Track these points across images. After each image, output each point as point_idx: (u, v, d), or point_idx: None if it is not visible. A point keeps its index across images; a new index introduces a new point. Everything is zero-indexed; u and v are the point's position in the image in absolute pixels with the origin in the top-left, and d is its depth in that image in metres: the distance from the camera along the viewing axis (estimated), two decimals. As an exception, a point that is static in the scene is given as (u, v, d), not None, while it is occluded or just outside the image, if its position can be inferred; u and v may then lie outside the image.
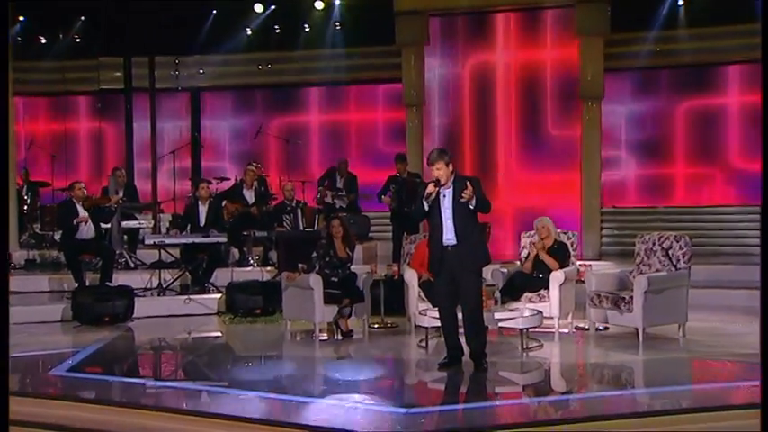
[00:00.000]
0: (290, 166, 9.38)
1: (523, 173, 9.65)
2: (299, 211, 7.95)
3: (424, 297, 6.22)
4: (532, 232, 6.48)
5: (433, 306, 5.91)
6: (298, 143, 9.80)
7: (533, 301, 5.99)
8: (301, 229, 7.80)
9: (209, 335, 6.44)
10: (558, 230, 6.35)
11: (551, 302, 5.96)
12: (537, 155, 9.66)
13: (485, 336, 4.76)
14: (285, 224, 7.89)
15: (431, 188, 4.52)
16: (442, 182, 4.57)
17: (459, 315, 4.73)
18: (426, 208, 4.56)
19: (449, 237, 4.57)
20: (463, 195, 4.46)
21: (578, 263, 6.34)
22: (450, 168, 4.60)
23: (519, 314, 5.35)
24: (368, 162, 10.08)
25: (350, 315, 5.97)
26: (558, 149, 9.56)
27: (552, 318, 5.96)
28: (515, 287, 6.03)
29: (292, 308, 6.21)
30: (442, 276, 4.65)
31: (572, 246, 6.29)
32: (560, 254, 6.15)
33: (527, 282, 6.08)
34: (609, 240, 9.40)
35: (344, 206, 9.06)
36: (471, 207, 4.52)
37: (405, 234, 7.32)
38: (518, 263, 6.49)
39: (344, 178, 9.27)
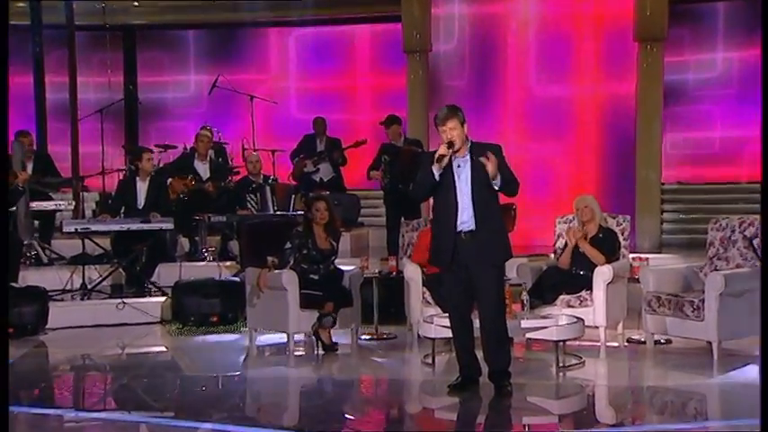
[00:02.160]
0: (257, 131, 9.37)
1: (558, 139, 9.67)
2: (267, 189, 7.91)
3: (429, 300, 6.25)
4: (571, 216, 6.47)
5: (443, 311, 5.95)
6: (267, 101, 9.75)
7: (572, 306, 6.01)
8: (271, 212, 7.79)
9: (149, 350, 6.46)
10: (605, 214, 6.35)
11: (595, 307, 5.98)
12: (577, 115, 9.67)
13: (509, 350, 4.77)
14: (249, 206, 7.88)
15: (443, 150, 4.50)
16: (457, 145, 4.55)
17: (477, 323, 4.75)
18: (437, 177, 4.53)
19: (465, 220, 4.57)
20: (486, 167, 4.45)
21: (631, 256, 6.36)
22: (465, 130, 4.60)
23: (553, 322, 5.37)
24: (355, 127, 10.10)
25: (334, 324, 5.99)
26: (605, 108, 9.57)
27: (597, 327, 5.99)
28: (548, 287, 6.05)
29: (259, 315, 6.22)
30: (454, 273, 4.65)
31: (623, 234, 6.31)
32: (607, 244, 6.16)
33: (564, 280, 6.09)
34: (672, 227, 9.44)
35: (333, 176, 9.10)
36: (496, 186, 4.51)
37: (402, 219, 7.32)
38: (551, 256, 6.50)
39: (325, 141, 9.30)
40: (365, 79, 10.50)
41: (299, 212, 7.40)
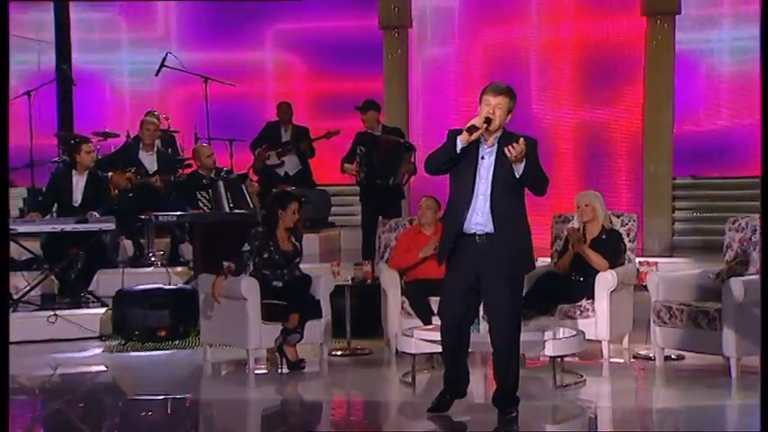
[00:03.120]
0: (211, 118, 9.35)
1: (556, 125, 9.73)
2: (220, 184, 7.88)
3: (409, 311, 6.30)
4: (570, 215, 6.52)
5: (424, 323, 6.00)
6: (224, 83, 9.73)
7: (571, 317, 6.07)
8: (227, 210, 7.78)
9: (86, 370, 6.42)
10: (610, 212, 6.41)
11: (598, 319, 6.05)
12: (577, 98, 9.73)
13: (518, 370, 4.73)
14: (202, 204, 7.85)
15: (478, 121, 4.46)
16: (494, 125, 4.49)
17: (474, 336, 4.78)
18: (458, 149, 4.47)
19: (480, 220, 4.53)
20: (510, 150, 4.40)
21: (638, 260, 6.42)
22: (509, 119, 4.56)
23: (550, 335, 5.40)
24: (332, 115, 10.14)
25: (300, 338, 6.00)
26: (608, 91, 9.64)
27: (599, 341, 6.05)
28: (544, 296, 6.09)
29: (215, 328, 6.23)
30: (458, 273, 4.62)
31: (628, 235, 6.37)
32: (611, 246, 6.22)
33: (562, 288, 6.15)
34: (685, 227, 9.52)
35: (300, 170, 9.15)
36: (517, 173, 4.47)
37: (380, 218, 7.33)
38: (549, 260, 6.55)
39: (291, 130, 9.29)
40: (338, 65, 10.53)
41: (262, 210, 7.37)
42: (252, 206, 7.60)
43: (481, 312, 4.99)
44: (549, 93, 9.72)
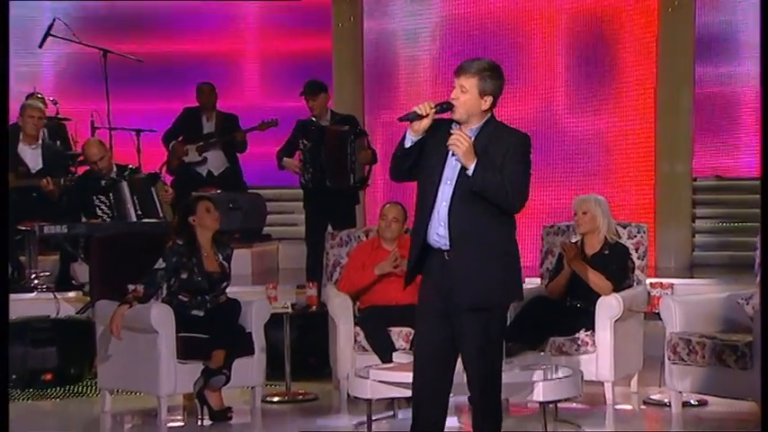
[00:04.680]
0: (114, 103, 9.28)
1: (542, 109, 9.78)
2: (124, 186, 7.83)
3: (365, 345, 6.32)
4: (565, 224, 6.58)
5: (382, 360, 6.00)
6: (128, 58, 9.68)
7: (566, 353, 6.12)
8: (133, 218, 7.74)
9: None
10: (614, 221, 6.48)
11: (599, 354, 6.10)
12: (568, 75, 9.78)
13: (499, 416, 4.60)
14: (100, 211, 7.80)
15: (423, 108, 4.35)
16: (459, 111, 4.39)
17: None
18: (407, 144, 4.39)
19: (441, 232, 4.45)
20: (451, 138, 4.31)
21: (649, 281, 6.47)
22: (486, 104, 4.43)
23: (540, 376, 5.40)
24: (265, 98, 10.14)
25: (226, 381, 5.99)
26: (607, 66, 9.71)
27: (602, 383, 6.09)
28: (533, 326, 6.13)
29: (116, 369, 6.20)
30: (432, 291, 4.53)
31: (637, 250, 6.44)
32: (616, 264, 6.28)
33: (554, 316, 6.20)
34: (708, 239, 9.62)
35: (227, 168, 9.16)
36: (467, 175, 4.34)
37: (329, 229, 7.36)
38: (538, 281, 6.60)
39: (216, 119, 9.31)
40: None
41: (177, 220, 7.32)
42: (161, 215, 7.56)
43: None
44: (536, 71, 9.78)
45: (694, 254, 9.45)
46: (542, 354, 6.06)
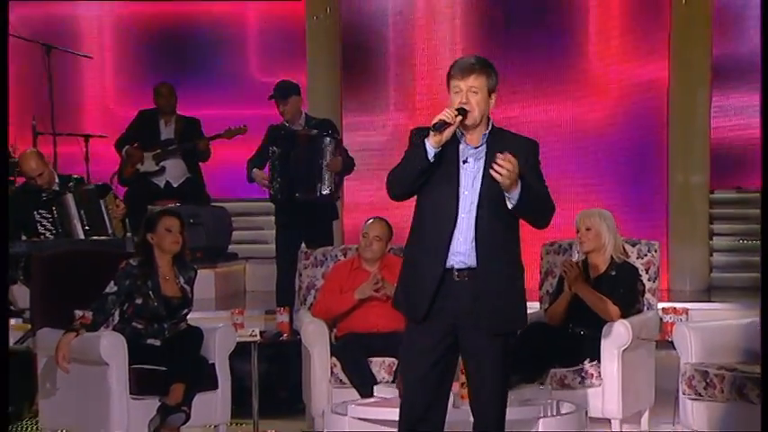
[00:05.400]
0: (56, 105, 9.28)
1: (549, 119, 9.83)
2: (69, 198, 7.78)
3: (342, 377, 6.31)
4: (567, 242, 6.59)
5: (362, 395, 6.00)
6: (76, 54, 9.66)
7: (569, 386, 6.11)
8: (80, 235, 7.71)
9: None
10: (622, 239, 6.49)
11: (606, 388, 6.08)
12: (565, 68, 9.81)
13: None
14: (42, 228, 7.75)
15: (447, 114, 4.43)
16: (472, 118, 4.48)
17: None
18: (431, 156, 4.46)
19: (461, 249, 4.54)
20: (496, 167, 4.37)
21: (661, 306, 6.55)
22: (492, 103, 4.57)
23: (539, 412, 5.42)
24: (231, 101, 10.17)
25: (186, 419, 5.95)
26: (619, 67, 9.74)
27: (608, 420, 6.08)
28: (531, 356, 6.10)
29: (61, 407, 6.16)
30: (429, 329, 4.59)
31: (648, 270, 6.44)
32: (624, 287, 6.28)
33: (555, 345, 6.19)
34: (727, 259, 9.64)
35: (188, 179, 9.15)
36: (510, 203, 4.46)
37: (302, 246, 7.34)
38: (537, 306, 6.60)
39: (175, 124, 9.31)
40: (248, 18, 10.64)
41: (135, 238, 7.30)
42: (110, 231, 7.51)
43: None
44: (528, 64, 9.79)
45: (712, 275, 9.45)
46: (542, 387, 6.03)
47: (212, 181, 9.44)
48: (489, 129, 4.57)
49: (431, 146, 4.44)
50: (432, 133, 4.42)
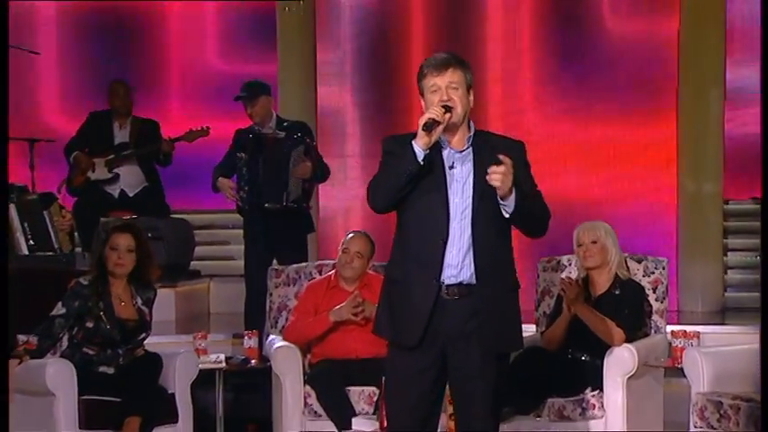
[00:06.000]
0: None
1: (544, 116, 9.85)
2: (11, 209, 7.71)
3: (317, 409, 6.30)
4: (566, 257, 6.60)
5: (339, 429, 6.00)
6: (22, 49, 9.63)
7: (568, 417, 6.11)
8: (24, 251, 7.66)
9: None
10: (626, 255, 6.50)
11: (609, 419, 6.08)
12: (563, 69, 9.82)
13: None
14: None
15: (435, 112, 4.48)
16: (455, 115, 4.53)
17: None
18: (420, 159, 4.49)
19: (453, 262, 4.58)
20: (492, 170, 4.42)
21: (670, 329, 6.50)
22: (471, 99, 4.64)
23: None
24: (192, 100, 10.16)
25: (144, 455, 5.98)
26: (625, 72, 9.76)
27: (613, 454, 6.11)
28: (527, 384, 6.10)
29: (3, 441, 6.13)
30: (418, 354, 4.61)
31: (655, 289, 6.46)
32: (628, 307, 6.27)
33: (552, 372, 6.18)
34: (742, 277, 9.65)
35: (145, 188, 9.16)
36: (506, 211, 4.51)
37: (273, 264, 7.34)
38: (533, 329, 6.60)
39: (131, 126, 9.28)
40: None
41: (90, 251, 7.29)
42: (56, 247, 7.48)
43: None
44: (517, 61, 9.81)
45: (726, 294, 9.44)
46: (539, 419, 6.05)
47: (172, 190, 9.42)
48: (473, 131, 4.64)
49: (419, 148, 4.47)
50: (420, 134, 4.46)
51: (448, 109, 4.51)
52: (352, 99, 10.00)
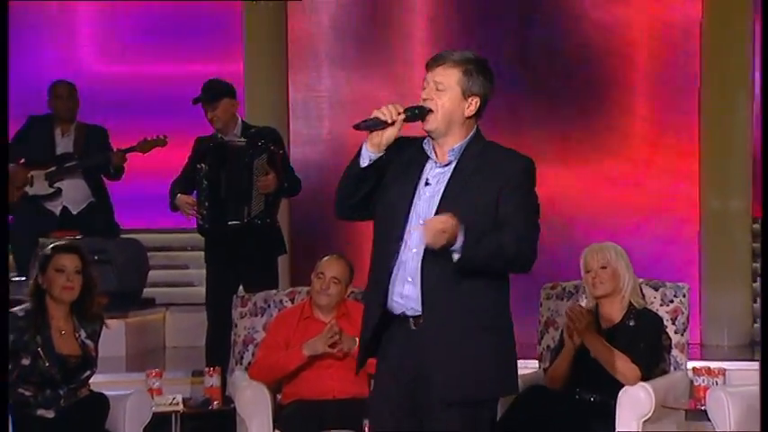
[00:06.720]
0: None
1: (548, 118, 9.92)
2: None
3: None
4: (572, 284, 6.62)
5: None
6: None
7: (577, 467, 6.11)
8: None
9: None
10: (641, 280, 6.51)
11: (621, 470, 6.09)
12: (569, 70, 9.96)
13: None
14: None
15: (389, 111, 4.44)
16: (435, 116, 4.48)
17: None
18: (362, 162, 4.52)
19: (408, 292, 4.57)
20: (424, 224, 4.39)
21: (692, 365, 6.54)
22: (471, 109, 4.55)
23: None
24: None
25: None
26: (638, 60, 9.85)
27: None
28: (531, 427, 6.09)
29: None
30: (389, 391, 4.65)
31: (674, 320, 6.47)
32: (644, 341, 6.26)
33: (559, 413, 6.14)
34: (774, 306, 9.73)
35: (91, 204, 9.21)
36: (454, 256, 4.41)
37: (239, 290, 7.40)
38: (536, 365, 6.62)
39: (75, 133, 9.29)
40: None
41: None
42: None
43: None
44: (528, 69, 9.94)
45: (755, 326, 9.42)
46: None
47: (123, 207, 9.44)
48: (464, 143, 4.55)
49: (367, 150, 4.47)
50: (368, 132, 4.45)
51: (416, 112, 4.47)
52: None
